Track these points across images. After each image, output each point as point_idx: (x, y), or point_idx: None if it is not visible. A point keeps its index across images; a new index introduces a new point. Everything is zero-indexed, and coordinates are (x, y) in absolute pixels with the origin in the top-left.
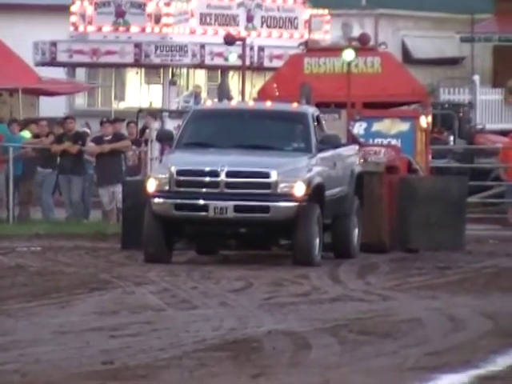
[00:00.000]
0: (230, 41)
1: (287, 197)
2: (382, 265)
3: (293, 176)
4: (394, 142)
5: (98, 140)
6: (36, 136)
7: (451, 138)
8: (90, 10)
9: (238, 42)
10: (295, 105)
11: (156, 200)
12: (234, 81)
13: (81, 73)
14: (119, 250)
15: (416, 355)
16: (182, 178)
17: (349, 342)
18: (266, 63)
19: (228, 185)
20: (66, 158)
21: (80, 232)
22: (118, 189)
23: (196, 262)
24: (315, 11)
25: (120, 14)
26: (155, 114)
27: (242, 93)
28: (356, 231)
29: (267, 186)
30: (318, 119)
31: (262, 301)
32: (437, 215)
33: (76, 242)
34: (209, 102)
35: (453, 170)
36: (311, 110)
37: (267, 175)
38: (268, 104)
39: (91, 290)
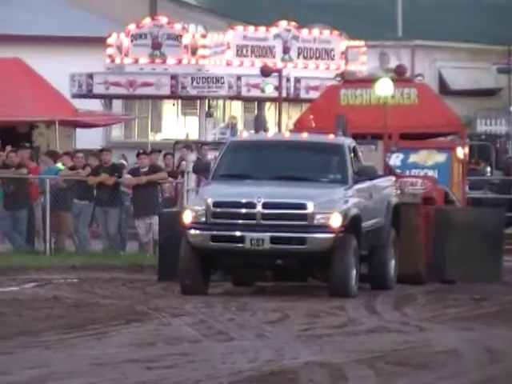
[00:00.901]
0: (266, 72)
1: (324, 228)
2: (419, 296)
3: (329, 207)
4: (430, 173)
5: (135, 172)
6: (72, 168)
7: (488, 169)
8: (126, 41)
9: (274, 74)
10: (331, 136)
11: (192, 231)
12: (270, 112)
13: (117, 104)
14: (156, 282)
15: None
16: (218, 209)
17: (385, 374)
18: (303, 94)
19: (264, 216)
20: (102, 190)
21: (116, 264)
22: (155, 220)
23: (232, 294)
24: (351, 43)
25: (156, 45)
26: (191, 145)
27: (279, 124)
28: (393, 262)
29: (304, 217)
30: (354, 150)
31: (299, 332)
32: (473, 247)
33: (112, 273)
34: (245, 134)
35: (490, 201)
36: (347, 142)
37: (304, 206)
38: (304, 135)
39: (128, 322)
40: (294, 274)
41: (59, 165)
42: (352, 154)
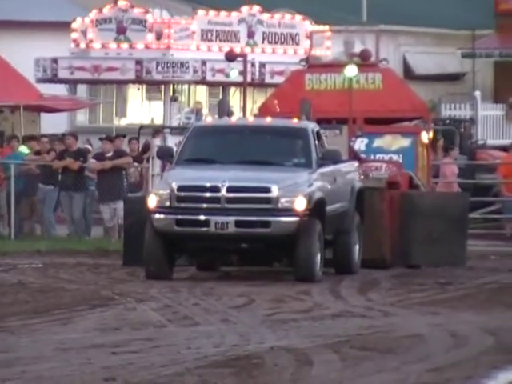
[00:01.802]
0: (231, 57)
1: (288, 212)
2: (384, 281)
3: (294, 191)
4: (395, 157)
5: (100, 157)
6: (37, 153)
7: None
8: (91, 26)
9: (239, 59)
10: (295, 120)
11: (157, 216)
12: (235, 97)
13: (82, 89)
14: (121, 267)
15: (418, 371)
16: (182, 193)
17: (350, 358)
18: (268, 79)
19: (229, 200)
20: (67, 175)
21: (81, 249)
22: (120, 205)
23: (198, 279)
24: (316, 27)
25: (121, 30)
26: (160, 130)
27: (243, 109)
28: (357, 247)
29: (268, 200)
30: (318, 135)
31: (264, 317)
32: (438, 231)
33: (78, 258)
34: (209, 119)
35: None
36: (311, 126)
37: (268, 190)
38: (268, 120)
39: (93, 307)
40: (259, 258)
41: (23, 149)
42: (316, 139)
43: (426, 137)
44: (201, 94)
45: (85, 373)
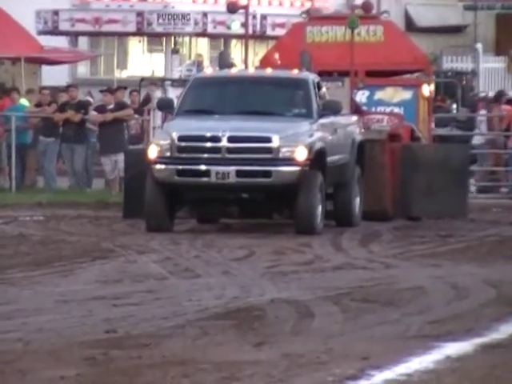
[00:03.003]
0: (232, 9)
1: (289, 161)
2: (385, 233)
3: (294, 140)
4: (396, 110)
5: (101, 109)
6: (38, 105)
7: (454, 106)
8: None
9: (240, 11)
10: (296, 71)
11: (157, 166)
12: (236, 49)
13: (83, 42)
14: (121, 219)
15: (419, 323)
16: (183, 143)
17: (351, 310)
18: (269, 32)
19: (230, 150)
20: (68, 127)
21: (82, 201)
22: (121, 157)
23: (198, 231)
24: None
25: None
26: (157, 82)
27: (245, 61)
28: (357, 200)
29: (269, 150)
30: (319, 86)
31: (265, 269)
32: (439, 183)
33: (78, 210)
34: (209, 70)
35: (456, 138)
36: (312, 77)
37: (269, 140)
38: (269, 71)
39: (94, 259)
40: (260, 209)
41: (23, 101)
42: (316, 89)
43: (427, 89)
44: (202, 46)
45: (86, 325)
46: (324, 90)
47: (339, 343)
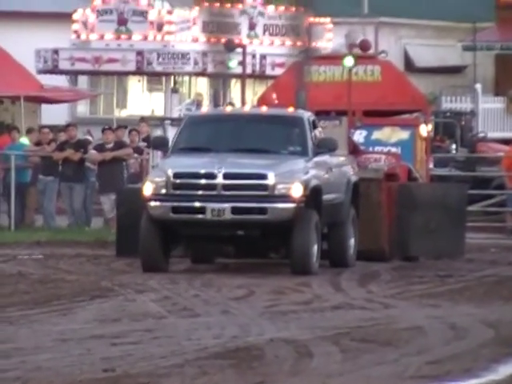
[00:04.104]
0: (230, 47)
1: (285, 198)
2: (384, 273)
3: (290, 177)
4: (393, 150)
5: (100, 148)
6: (38, 143)
7: (453, 146)
8: (92, 17)
9: (238, 49)
10: (291, 109)
11: (153, 203)
12: (236, 89)
13: (83, 80)
14: (120, 258)
15: (417, 363)
16: (178, 180)
17: (350, 350)
18: (268, 71)
19: (225, 187)
20: (67, 166)
21: (81, 239)
22: None
23: (197, 270)
24: (317, 19)
25: (122, 21)
26: (160, 122)
27: (242, 100)
28: (352, 241)
29: (264, 187)
30: (314, 124)
31: (264, 309)
32: (436, 222)
33: (77, 249)
34: (204, 109)
35: (454, 178)
36: (307, 115)
37: (264, 176)
38: (263, 109)
39: (92, 298)
40: (256, 247)
41: (23, 140)
42: (312, 127)
43: (424, 129)
44: (201, 85)
45: (84, 363)
46: (319, 128)
47: (338, 383)
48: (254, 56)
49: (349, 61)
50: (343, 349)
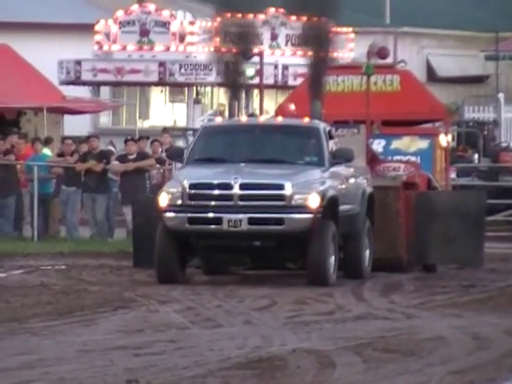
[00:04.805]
0: (246, 56)
1: (302, 209)
2: (406, 283)
3: (307, 188)
4: (413, 159)
5: (123, 158)
6: (60, 154)
7: (476, 156)
8: (114, 28)
9: (256, 57)
10: (306, 119)
11: (168, 214)
12: (258, 99)
13: (105, 91)
14: (142, 269)
15: (440, 374)
16: (194, 191)
17: (373, 361)
18: (291, 81)
19: (241, 197)
20: (90, 177)
21: (104, 250)
22: None
23: (219, 281)
24: (340, 29)
25: (144, 32)
26: (182, 132)
27: (260, 110)
28: (367, 252)
29: (281, 197)
30: (330, 134)
31: (286, 319)
32: (454, 230)
33: (100, 260)
34: (219, 119)
35: (477, 188)
36: (323, 125)
37: (281, 187)
38: (279, 119)
39: (115, 309)
40: (272, 258)
41: (46, 151)
42: (328, 138)
43: (444, 139)
44: (224, 95)
45: (107, 374)
46: (335, 139)
47: None
48: (276, 66)
49: (367, 68)
50: (366, 359)
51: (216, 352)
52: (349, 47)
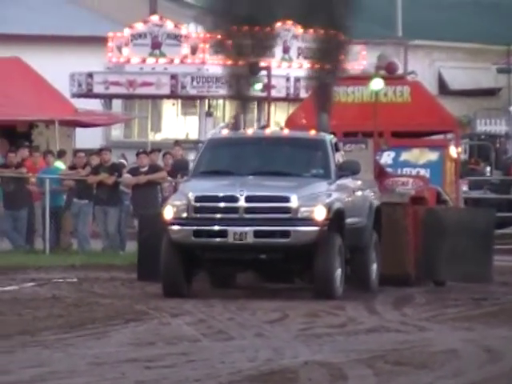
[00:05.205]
0: (254, 70)
1: (308, 221)
2: (418, 296)
3: (313, 200)
4: (422, 171)
5: (135, 171)
6: (72, 167)
7: (488, 168)
8: (126, 41)
9: (263, 71)
10: (313, 132)
11: (174, 227)
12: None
13: (117, 104)
14: (148, 282)
15: None
16: (200, 204)
17: (385, 373)
18: (303, 94)
19: (247, 210)
20: (101, 190)
21: (116, 263)
22: None
23: (232, 294)
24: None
25: (156, 45)
26: (194, 145)
27: (267, 122)
28: (375, 266)
29: (287, 210)
30: (336, 146)
31: (298, 332)
32: (463, 247)
33: (112, 273)
34: (224, 131)
35: (489, 201)
36: (329, 137)
37: (287, 199)
38: (285, 131)
39: (127, 321)
40: (278, 271)
41: (58, 164)
42: (334, 150)
43: (454, 151)
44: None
45: None
46: (342, 152)
47: None
48: (288, 79)
49: (375, 84)
50: (377, 372)
51: (227, 364)
52: (360, 59)
